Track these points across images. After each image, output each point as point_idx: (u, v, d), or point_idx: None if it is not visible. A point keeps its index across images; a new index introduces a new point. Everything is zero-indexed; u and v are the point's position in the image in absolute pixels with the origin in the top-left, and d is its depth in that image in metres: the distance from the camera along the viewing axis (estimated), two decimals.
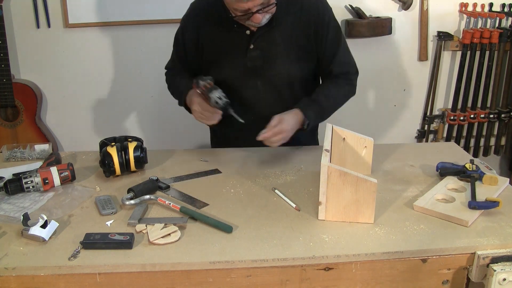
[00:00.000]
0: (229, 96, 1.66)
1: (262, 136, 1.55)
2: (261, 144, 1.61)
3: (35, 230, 1.20)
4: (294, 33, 1.67)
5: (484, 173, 1.49)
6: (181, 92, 1.76)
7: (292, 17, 1.65)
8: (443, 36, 2.83)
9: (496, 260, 1.18)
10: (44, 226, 1.21)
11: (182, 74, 1.85)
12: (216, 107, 1.60)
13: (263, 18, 1.55)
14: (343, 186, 1.26)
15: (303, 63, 1.73)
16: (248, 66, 1.69)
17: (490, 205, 1.32)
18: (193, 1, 1.77)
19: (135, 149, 1.56)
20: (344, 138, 1.53)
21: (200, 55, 1.76)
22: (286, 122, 1.58)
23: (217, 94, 1.59)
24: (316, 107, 1.68)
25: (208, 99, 1.60)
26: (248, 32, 1.65)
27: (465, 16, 2.84)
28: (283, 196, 1.44)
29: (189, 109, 1.75)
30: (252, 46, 1.66)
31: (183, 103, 1.77)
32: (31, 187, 1.45)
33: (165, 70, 1.93)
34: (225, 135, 1.92)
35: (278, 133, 1.56)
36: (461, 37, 2.83)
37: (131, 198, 1.39)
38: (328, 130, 1.53)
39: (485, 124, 3.04)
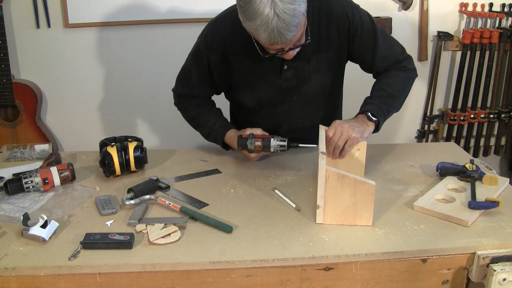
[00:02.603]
0: (263, 112, 1.69)
1: (331, 154, 1.49)
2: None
3: (35, 230, 1.20)
4: (323, 42, 1.61)
5: (484, 173, 1.49)
6: (217, 133, 1.71)
7: (322, 29, 1.59)
8: (443, 36, 2.83)
9: (496, 260, 1.18)
10: (44, 226, 1.21)
11: (203, 105, 1.76)
12: (281, 151, 1.60)
13: (294, 53, 1.50)
14: (342, 189, 1.25)
15: (334, 71, 1.69)
16: (284, 86, 1.65)
17: (490, 205, 1.32)
18: (213, 22, 1.63)
19: (135, 149, 1.56)
20: None
21: (228, 80, 1.67)
22: (335, 124, 1.50)
23: (276, 143, 1.58)
24: (372, 99, 1.61)
25: (267, 149, 1.58)
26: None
27: (465, 16, 2.84)
28: (283, 196, 1.44)
29: (224, 145, 1.73)
30: (286, 67, 1.61)
31: (220, 143, 1.72)
32: (31, 187, 1.45)
33: (175, 95, 1.80)
34: None
35: (344, 140, 1.47)
36: (461, 37, 2.83)
37: (131, 198, 1.39)
38: (321, 132, 1.52)
39: (485, 124, 3.04)
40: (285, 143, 1.58)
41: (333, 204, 1.27)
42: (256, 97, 1.68)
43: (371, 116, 1.56)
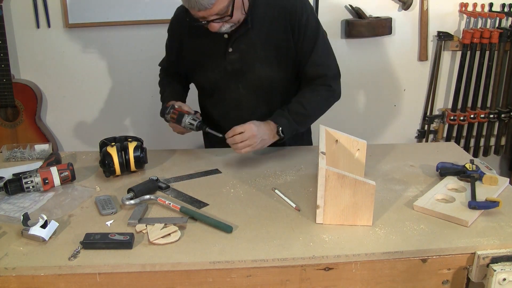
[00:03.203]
0: (214, 97, 1.74)
1: (227, 136, 1.58)
2: None
3: (35, 230, 1.20)
4: (273, 35, 1.65)
5: (484, 173, 1.49)
6: (162, 101, 1.85)
7: (270, 18, 1.64)
8: (443, 36, 2.83)
9: (496, 260, 1.18)
10: (44, 226, 1.21)
11: (169, 78, 1.93)
12: (191, 129, 1.65)
13: (221, 27, 1.56)
14: (341, 189, 1.25)
15: (283, 66, 1.70)
16: (228, 69, 1.70)
17: (490, 205, 1.32)
18: (178, 6, 1.78)
19: (135, 149, 1.56)
20: (336, 140, 1.52)
21: (184, 58, 1.79)
22: (251, 131, 1.55)
23: (188, 120, 1.64)
24: (290, 115, 1.64)
25: (179, 123, 1.65)
26: (226, 35, 1.64)
27: (465, 16, 2.84)
28: (283, 196, 1.44)
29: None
30: (230, 50, 1.67)
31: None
32: (31, 187, 1.45)
33: (159, 67, 2.00)
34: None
35: (241, 139, 1.55)
36: (461, 37, 2.83)
37: (131, 198, 1.39)
38: (321, 132, 1.52)
39: (485, 124, 3.04)
40: (195, 123, 1.63)
41: (333, 204, 1.27)
42: (205, 78, 1.76)
43: (281, 133, 1.63)
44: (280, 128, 1.62)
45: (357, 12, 2.74)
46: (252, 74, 1.69)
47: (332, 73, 1.71)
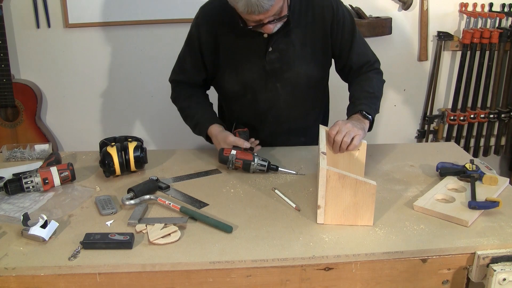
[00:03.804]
0: (247, 98, 1.72)
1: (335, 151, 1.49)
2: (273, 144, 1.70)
3: (35, 230, 1.20)
4: (311, 33, 1.66)
5: (484, 173, 1.49)
6: (201, 126, 1.73)
7: (307, 17, 1.65)
8: (443, 36, 2.83)
9: (496, 260, 1.18)
10: (44, 226, 1.21)
11: (194, 96, 1.79)
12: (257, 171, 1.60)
13: (274, 27, 1.55)
14: (342, 189, 1.25)
15: (320, 63, 1.72)
16: (267, 69, 1.68)
17: (490, 205, 1.32)
18: (203, 5, 1.72)
19: (135, 149, 1.56)
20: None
21: (217, 60, 1.72)
22: (343, 124, 1.49)
23: (257, 166, 1.58)
24: (362, 101, 1.62)
25: (249, 172, 1.59)
26: (265, 35, 1.62)
27: (465, 16, 2.84)
28: (283, 196, 1.44)
29: (206, 137, 1.75)
30: (270, 49, 1.65)
31: (204, 136, 1.75)
32: (31, 187, 1.45)
33: (170, 84, 1.84)
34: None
35: (342, 136, 1.47)
36: (461, 37, 2.83)
37: (131, 198, 1.39)
38: (321, 132, 1.52)
39: (485, 124, 3.04)
40: (266, 165, 1.58)
41: (334, 204, 1.27)
42: (240, 79, 1.71)
43: (366, 114, 1.59)
44: (364, 112, 1.59)
45: (357, 12, 2.74)
46: (291, 73, 1.69)
47: (374, 58, 1.77)
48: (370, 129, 1.62)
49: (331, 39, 1.68)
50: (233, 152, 1.58)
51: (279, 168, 1.60)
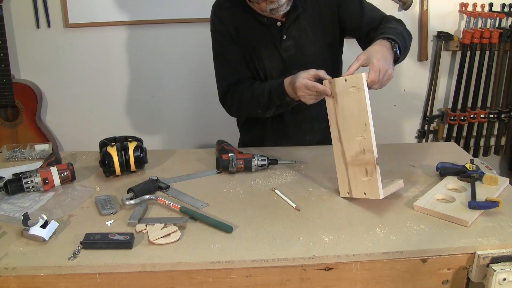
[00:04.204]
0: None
1: (370, 80, 1.36)
2: (286, 144, 1.74)
3: (35, 230, 1.20)
4: (318, 16, 1.71)
5: (484, 173, 1.49)
6: (276, 88, 1.60)
7: (313, 2, 1.70)
8: (443, 36, 2.83)
9: (496, 260, 1.18)
10: (44, 226, 1.21)
11: (254, 83, 1.71)
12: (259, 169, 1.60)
13: (284, 7, 1.59)
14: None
15: (332, 44, 1.77)
16: (283, 56, 1.73)
17: (490, 205, 1.32)
18: (215, 3, 1.77)
19: (135, 149, 1.56)
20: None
21: (243, 49, 1.75)
22: (384, 64, 1.38)
23: (257, 162, 1.60)
24: (387, 34, 1.50)
25: (249, 169, 1.59)
26: (279, 23, 1.69)
27: (465, 16, 2.84)
28: (283, 196, 1.44)
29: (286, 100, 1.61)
30: (284, 37, 1.70)
31: (285, 95, 1.58)
32: (31, 187, 1.45)
33: (225, 93, 1.77)
34: (258, 134, 1.92)
35: (384, 80, 1.40)
36: (461, 37, 2.83)
37: (131, 198, 1.39)
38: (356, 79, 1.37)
39: (485, 124, 3.04)
40: (266, 161, 1.61)
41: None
42: (261, 68, 1.75)
43: (394, 44, 1.47)
44: (392, 42, 1.46)
45: None
46: (305, 58, 1.73)
47: (387, 15, 1.71)
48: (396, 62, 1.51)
49: (339, 16, 1.72)
50: (231, 154, 1.59)
51: (279, 161, 1.63)
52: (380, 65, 1.37)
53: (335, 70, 1.84)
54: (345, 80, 1.38)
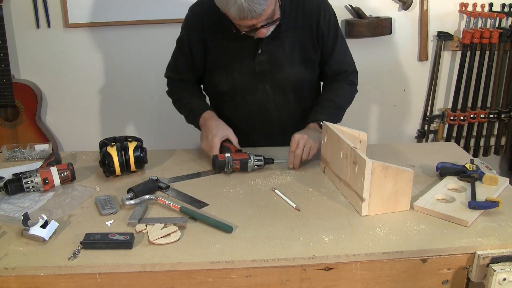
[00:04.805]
0: (237, 100, 1.72)
1: (293, 164, 1.60)
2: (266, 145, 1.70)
3: (35, 230, 1.20)
4: (299, 34, 1.67)
5: (484, 173, 1.49)
6: (194, 113, 1.75)
7: (297, 19, 1.65)
8: (443, 36, 2.83)
9: (496, 260, 1.18)
10: (44, 226, 1.21)
11: (189, 88, 1.82)
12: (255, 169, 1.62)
13: (267, 31, 1.55)
14: (385, 180, 1.30)
15: (309, 65, 1.73)
16: (256, 70, 1.68)
17: (490, 205, 1.32)
18: (192, 6, 1.73)
19: (135, 149, 1.56)
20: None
21: (206, 61, 1.73)
22: (301, 139, 1.59)
23: (254, 163, 1.59)
24: (325, 110, 1.70)
25: (245, 170, 1.59)
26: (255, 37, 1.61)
27: (465, 16, 2.84)
28: (283, 196, 1.44)
29: (198, 126, 1.77)
30: (260, 51, 1.65)
31: (196, 124, 1.76)
32: (31, 187, 1.45)
33: (166, 79, 1.88)
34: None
35: (301, 151, 1.58)
36: (461, 37, 2.83)
37: (131, 198, 1.39)
38: (324, 127, 1.55)
39: (485, 124, 3.04)
40: (263, 161, 1.60)
41: (377, 195, 1.31)
42: (230, 80, 1.71)
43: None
44: (321, 123, 1.63)
45: (357, 12, 2.74)
46: (281, 75, 1.69)
47: (352, 68, 1.79)
48: None
49: (317, 43, 1.70)
50: (227, 155, 1.58)
51: (275, 160, 1.63)
52: (296, 138, 1.59)
53: (313, 91, 1.82)
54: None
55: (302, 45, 1.68)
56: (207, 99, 1.90)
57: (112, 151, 1.53)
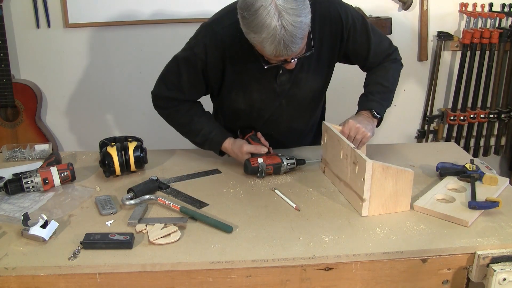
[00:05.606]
0: (252, 115, 1.70)
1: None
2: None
3: (35, 230, 1.20)
4: (318, 47, 1.57)
5: (484, 173, 1.49)
6: (212, 141, 1.66)
7: (315, 32, 1.55)
8: (443, 36, 2.83)
9: (496, 260, 1.18)
10: (44, 226, 1.21)
11: (195, 109, 1.70)
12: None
13: (295, 62, 1.48)
14: (385, 180, 1.30)
15: (325, 76, 1.70)
16: (277, 90, 1.63)
17: (490, 205, 1.32)
18: (210, 24, 1.56)
19: (135, 149, 1.56)
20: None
21: (223, 81, 1.63)
22: (354, 126, 1.53)
23: (287, 166, 1.59)
24: (375, 96, 1.66)
25: (280, 174, 1.59)
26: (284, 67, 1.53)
27: (465, 16, 2.84)
28: (283, 196, 1.44)
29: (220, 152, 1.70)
30: (281, 71, 1.58)
31: (217, 151, 1.69)
32: (31, 187, 1.45)
33: (159, 97, 1.70)
34: None
35: (359, 137, 1.54)
36: (461, 37, 2.83)
37: (131, 198, 1.39)
38: (334, 130, 1.52)
39: (485, 124, 3.04)
40: (295, 163, 1.60)
41: (378, 195, 1.31)
42: (247, 99, 1.65)
43: (376, 114, 1.62)
44: (373, 111, 1.62)
45: None
46: (298, 90, 1.65)
47: (392, 49, 1.75)
48: (378, 125, 1.65)
49: (343, 46, 1.62)
50: (260, 160, 1.56)
51: (306, 161, 1.63)
52: (351, 125, 1.54)
53: (321, 98, 1.79)
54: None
55: (319, 57, 1.61)
56: (212, 103, 1.87)
57: (112, 151, 1.53)
